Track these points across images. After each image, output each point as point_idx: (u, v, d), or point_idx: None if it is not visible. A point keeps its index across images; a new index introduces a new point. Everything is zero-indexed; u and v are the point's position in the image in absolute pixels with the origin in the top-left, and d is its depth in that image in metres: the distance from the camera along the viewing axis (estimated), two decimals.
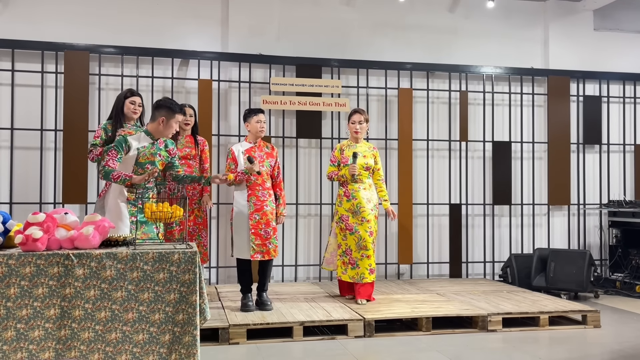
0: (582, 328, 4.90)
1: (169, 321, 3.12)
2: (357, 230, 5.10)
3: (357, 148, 5.23)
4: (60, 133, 6.01)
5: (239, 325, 4.33)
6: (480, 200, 7.05)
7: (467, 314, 4.82)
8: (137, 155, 4.14)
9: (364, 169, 5.20)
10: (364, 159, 5.19)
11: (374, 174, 5.30)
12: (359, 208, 5.11)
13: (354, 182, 5.16)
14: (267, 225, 4.82)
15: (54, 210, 3.30)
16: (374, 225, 5.15)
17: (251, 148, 4.93)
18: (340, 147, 5.34)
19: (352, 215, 5.13)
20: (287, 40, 6.64)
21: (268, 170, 4.92)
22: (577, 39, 7.33)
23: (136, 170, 4.15)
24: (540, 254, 6.46)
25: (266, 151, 4.97)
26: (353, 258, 5.11)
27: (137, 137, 4.21)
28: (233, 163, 4.91)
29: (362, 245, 5.08)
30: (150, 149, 4.20)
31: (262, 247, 4.78)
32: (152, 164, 4.20)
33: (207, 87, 6.28)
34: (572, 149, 7.24)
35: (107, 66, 6.22)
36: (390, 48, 6.91)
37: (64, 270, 3.04)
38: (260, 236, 4.79)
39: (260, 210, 4.82)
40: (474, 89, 7.10)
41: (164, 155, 4.29)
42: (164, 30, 6.37)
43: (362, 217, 5.10)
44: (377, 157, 5.34)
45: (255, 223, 4.80)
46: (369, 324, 4.54)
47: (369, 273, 5.06)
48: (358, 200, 5.12)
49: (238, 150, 4.93)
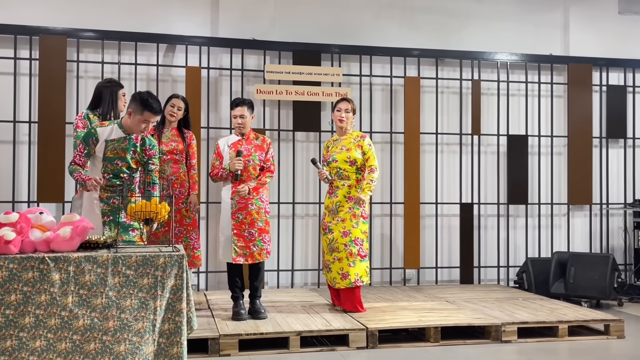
0: (605, 339, 4.91)
1: (154, 331, 3.13)
2: (331, 230, 5.08)
3: (342, 142, 5.18)
4: (35, 125, 6.00)
5: (230, 336, 4.34)
6: (494, 199, 7.06)
7: (480, 323, 4.82)
8: (104, 148, 4.13)
9: (348, 163, 5.09)
10: (346, 152, 5.11)
11: (365, 165, 5.13)
12: (337, 207, 5.08)
13: (340, 178, 5.11)
14: (251, 225, 4.81)
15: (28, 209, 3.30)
16: (350, 224, 5.01)
17: (238, 141, 4.91)
18: (327, 144, 5.34)
19: (329, 213, 5.12)
20: (283, 24, 6.64)
21: (256, 164, 4.88)
22: (600, 23, 7.33)
23: (105, 165, 4.14)
24: (559, 258, 6.47)
25: (255, 144, 4.94)
26: (325, 261, 5.13)
27: (109, 130, 4.18)
28: (218, 159, 4.90)
29: (333, 247, 5.05)
30: (121, 142, 4.16)
31: (245, 249, 4.78)
32: (123, 160, 4.17)
33: (196, 75, 6.27)
34: (595, 144, 7.24)
35: (86, 52, 6.20)
36: (396, 33, 6.91)
37: (39, 275, 3.04)
38: (243, 237, 4.79)
39: (244, 210, 4.81)
40: (488, 77, 7.10)
41: (138, 153, 4.24)
42: (149, 13, 6.36)
43: (338, 217, 5.06)
44: (365, 145, 5.10)
45: (238, 223, 4.80)
46: (372, 334, 4.55)
47: (341, 278, 4.99)
48: (338, 198, 5.08)
49: (224, 144, 4.93)
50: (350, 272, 4.99)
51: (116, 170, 4.16)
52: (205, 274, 6.34)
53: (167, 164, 5.05)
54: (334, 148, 5.21)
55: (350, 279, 4.99)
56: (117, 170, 4.16)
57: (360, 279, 5.01)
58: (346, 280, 4.99)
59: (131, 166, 4.22)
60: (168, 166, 5.06)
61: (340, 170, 5.12)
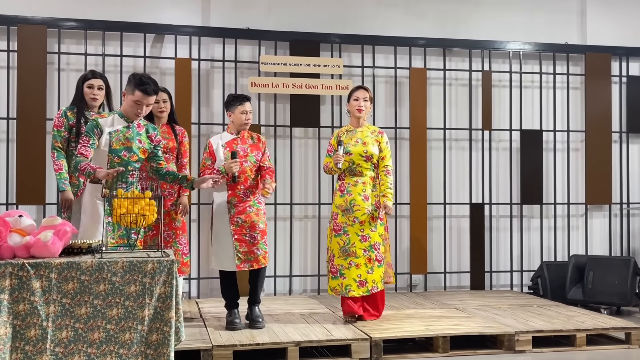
0: (626, 348, 4.90)
1: (142, 342, 3.13)
2: (346, 231, 5.03)
3: (357, 134, 5.17)
4: (13, 122, 6.00)
5: (224, 347, 4.33)
6: (507, 199, 7.06)
7: (491, 332, 4.82)
8: (109, 140, 4.14)
9: (364, 158, 5.09)
10: (363, 146, 5.11)
11: (379, 164, 5.18)
12: (352, 205, 5.03)
13: (352, 175, 5.12)
14: (252, 228, 4.80)
15: (6, 212, 3.30)
16: (369, 228, 5.02)
17: (233, 140, 4.89)
18: (338, 133, 5.27)
19: (342, 213, 5.06)
20: (280, 12, 6.63)
21: (252, 165, 4.88)
22: (619, 10, 7.32)
23: (111, 159, 4.14)
24: (576, 261, 6.47)
25: (250, 143, 4.93)
26: (335, 265, 5.03)
27: (110, 120, 4.21)
28: (210, 158, 4.88)
29: (349, 251, 5.00)
30: (125, 132, 4.19)
31: (249, 254, 4.77)
32: (129, 150, 4.18)
33: (186, 67, 6.27)
34: (614, 139, 7.24)
35: (67, 43, 6.20)
36: (400, 21, 6.90)
37: (18, 282, 3.04)
38: (245, 242, 4.77)
39: (243, 213, 4.80)
40: (499, 68, 7.10)
41: (144, 142, 4.28)
42: (135, 1, 6.36)
43: (354, 217, 5.03)
44: (383, 142, 5.17)
45: (238, 227, 4.78)
46: (376, 345, 4.54)
47: (358, 286, 4.96)
48: (353, 197, 5.04)
49: (217, 143, 4.90)
50: (368, 280, 4.99)
51: (123, 162, 4.15)
52: (197, 281, 6.34)
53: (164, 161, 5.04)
54: (347, 140, 5.14)
55: (368, 287, 4.99)
56: (125, 162, 4.16)
57: (377, 286, 5.03)
58: (363, 288, 4.98)
59: (139, 157, 4.24)
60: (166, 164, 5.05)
61: (354, 165, 5.08)
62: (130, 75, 4.24)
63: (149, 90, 4.13)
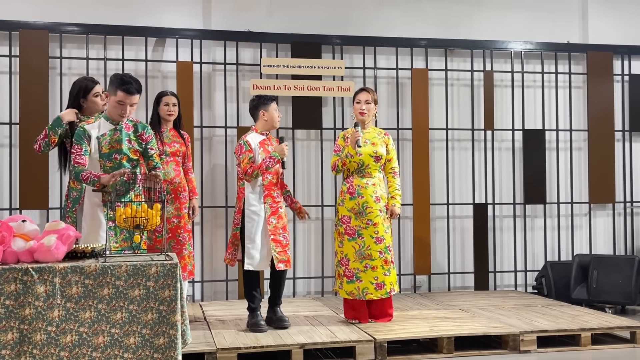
0: (631, 347, 4.90)
1: (147, 346, 3.13)
2: (361, 234, 5.02)
3: (365, 135, 5.18)
4: (15, 127, 6.02)
5: (228, 349, 4.34)
6: (510, 199, 7.06)
7: (496, 332, 4.82)
8: (98, 145, 4.12)
9: (373, 159, 5.10)
10: (372, 146, 5.11)
11: (385, 166, 5.23)
12: (364, 208, 5.02)
13: (361, 176, 5.12)
14: (284, 230, 4.93)
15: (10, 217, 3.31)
16: (383, 229, 5.03)
17: (264, 140, 4.97)
18: (344, 134, 5.27)
19: (355, 216, 5.05)
20: (281, 15, 6.64)
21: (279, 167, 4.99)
22: (622, 8, 7.31)
23: (103, 164, 4.13)
24: (580, 261, 6.46)
25: (275, 145, 5.01)
26: (350, 269, 5.01)
27: (97, 125, 4.18)
28: (252, 156, 4.88)
29: (365, 254, 4.99)
30: (112, 135, 4.16)
31: (283, 254, 4.86)
32: (120, 152, 4.16)
33: (187, 70, 6.28)
34: (617, 137, 7.24)
35: (69, 47, 6.22)
36: (401, 22, 6.91)
37: (23, 287, 3.05)
38: (280, 242, 4.86)
39: (276, 214, 4.89)
40: (501, 68, 7.10)
41: (134, 142, 4.24)
42: (136, 4, 6.37)
43: (367, 220, 5.02)
44: (390, 144, 5.21)
45: (274, 228, 4.86)
46: (380, 346, 4.55)
47: (375, 288, 4.97)
48: (365, 199, 5.03)
49: (255, 142, 4.93)
50: (386, 282, 4.99)
51: (116, 165, 4.14)
52: (201, 284, 6.35)
53: (169, 166, 5.07)
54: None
55: (386, 289, 4.99)
56: (117, 166, 4.15)
57: (394, 288, 5.06)
58: (382, 290, 4.98)
59: (131, 157, 4.22)
60: (171, 168, 5.08)
61: (363, 166, 5.08)
62: (111, 76, 4.22)
63: (131, 89, 4.11)
